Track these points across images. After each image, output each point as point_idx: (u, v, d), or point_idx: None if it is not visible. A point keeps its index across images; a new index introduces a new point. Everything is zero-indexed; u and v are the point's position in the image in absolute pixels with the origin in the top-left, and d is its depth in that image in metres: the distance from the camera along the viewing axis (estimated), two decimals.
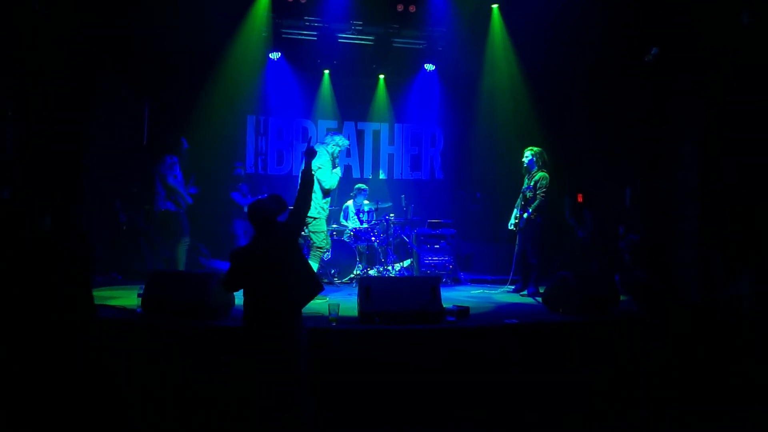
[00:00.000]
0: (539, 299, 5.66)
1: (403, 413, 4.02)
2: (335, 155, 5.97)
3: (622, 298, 5.29)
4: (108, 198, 7.26)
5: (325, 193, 5.89)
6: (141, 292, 4.56)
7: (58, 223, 5.51)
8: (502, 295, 6.44)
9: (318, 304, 4.47)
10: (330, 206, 7.81)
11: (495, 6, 8.14)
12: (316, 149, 3.91)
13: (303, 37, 8.46)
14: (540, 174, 6.26)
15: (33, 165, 6.04)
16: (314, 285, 3.56)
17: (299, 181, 3.66)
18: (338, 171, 5.99)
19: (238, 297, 4.89)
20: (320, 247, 5.90)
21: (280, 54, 8.64)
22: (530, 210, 6.21)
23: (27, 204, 4.56)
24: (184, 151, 6.64)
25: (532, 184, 6.29)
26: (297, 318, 3.47)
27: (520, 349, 4.34)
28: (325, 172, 5.80)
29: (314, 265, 5.75)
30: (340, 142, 6.01)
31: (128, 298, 5.08)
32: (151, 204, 6.59)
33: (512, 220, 6.47)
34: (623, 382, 4.31)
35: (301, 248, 3.66)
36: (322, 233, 5.89)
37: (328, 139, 6.04)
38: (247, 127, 9.19)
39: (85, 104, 6.72)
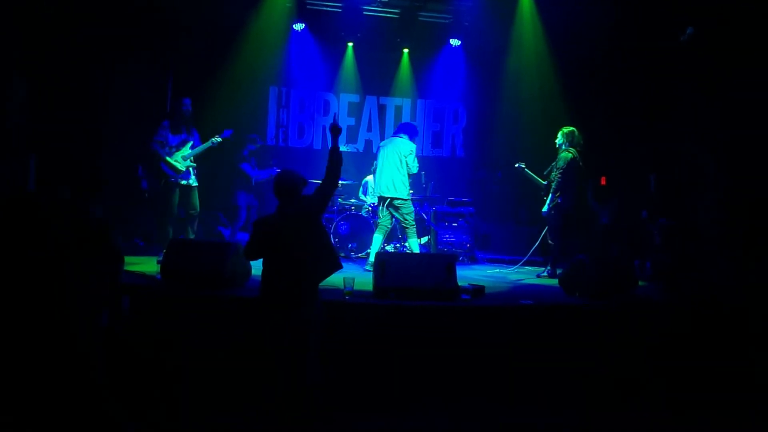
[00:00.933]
0: (553, 281, 5.62)
1: (414, 388, 4.05)
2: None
3: (641, 283, 5.22)
4: (131, 165, 7.35)
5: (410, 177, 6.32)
6: (160, 259, 4.63)
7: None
8: (520, 275, 6.41)
9: (333, 277, 4.49)
10: (350, 180, 7.85)
11: None
12: (340, 126, 3.88)
13: (328, 9, 8.37)
14: (562, 154, 6.15)
15: (55, 134, 6.12)
16: (333, 261, 3.58)
17: (329, 158, 3.64)
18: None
19: (256, 268, 4.97)
20: (413, 224, 6.30)
21: (304, 25, 8.56)
22: (551, 191, 6.12)
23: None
24: (184, 111, 6.38)
25: (554, 164, 6.20)
26: (313, 292, 3.49)
27: (534, 330, 4.32)
28: (415, 160, 6.24)
29: (415, 243, 6.32)
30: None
31: (149, 264, 5.16)
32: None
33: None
34: (637, 366, 4.27)
35: (322, 224, 3.67)
36: (413, 212, 6.35)
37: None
38: (269, 99, 9.16)
39: (108, 74, 6.76)
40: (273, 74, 8.93)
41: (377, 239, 6.33)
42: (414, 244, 6.36)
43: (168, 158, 6.28)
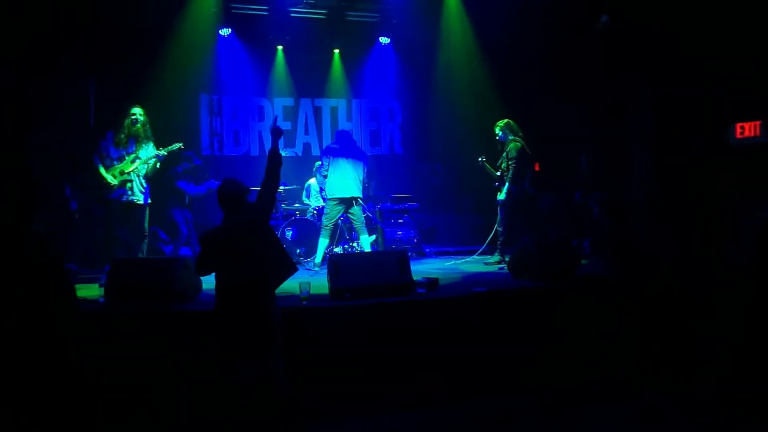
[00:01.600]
0: (504, 267, 5.78)
1: (377, 386, 4.06)
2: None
3: (583, 261, 5.46)
4: (56, 185, 6.93)
5: None
6: (102, 281, 4.42)
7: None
8: (469, 265, 6.55)
9: (288, 284, 4.43)
10: (292, 185, 7.77)
11: None
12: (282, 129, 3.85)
13: (254, 12, 8.23)
14: (512, 144, 6.33)
15: None
16: (288, 266, 3.54)
17: (268, 161, 3.59)
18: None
19: (207, 282, 4.83)
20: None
21: (230, 30, 8.38)
22: (506, 181, 6.28)
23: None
24: (133, 121, 5.93)
25: (504, 155, 6.37)
26: (271, 298, 3.44)
27: (489, 316, 4.43)
28: None
29: (368, 240, 6.53)
30: None
31: (88, 288, 4.91)
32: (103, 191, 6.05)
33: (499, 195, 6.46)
34: (591, 343, 4.47)
35: (272, 228, 3.61)
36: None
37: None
38: (200, 107, 8.90)
39: (27, 85, 6.33)
40: (203, 82, 8.67)
41: (324, 242, 6.35)
42: (367, 241, 6.49)
43: (102, 170, 5.87)
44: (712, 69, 5.93)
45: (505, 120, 6.47)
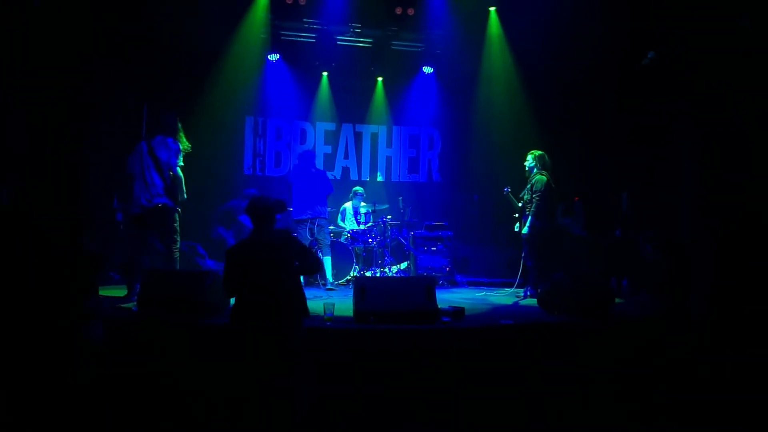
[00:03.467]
0: (533, 301, 5.67)
1: (397, 412, 4.02)
2: None
3: (617, 300, 5.30)
4: (107, 198, 7.26)
5: None
6: (131, 290, 4.57)
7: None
8: (500, 297, 6.45)
9: (313, 304, 4.47)
10: (329, 208, 7.89)
11: (492, 9, 8.17)
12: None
13: (302, 39, 8.48)
14: (537, 177, 6.27)
15: (33, 166, 6.04)
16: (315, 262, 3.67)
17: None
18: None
19: None
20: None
21: (278, 56, 8.66)
22: (528, 213, 6.22)
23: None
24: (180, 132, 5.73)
25: (529, 186, 6.31)
26: (295, 317, 3.45)
27: (515, 350, 4.34)
28: None
29: (329, 260, 6.78)
30: None
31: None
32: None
33: (517, 225, 6.46)
34: (620, 382, 4.31)
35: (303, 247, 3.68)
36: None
37: None
38: (245, 128, 9.19)
39: (84, 105, 6.71)
40: (249, 104, 8.97)
41: (329, 260, 6.73)
42: (329, 261, 6.75)
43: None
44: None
45: (540, 152, 6.42)
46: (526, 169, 6.42)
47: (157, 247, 6.15)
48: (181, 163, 5.52)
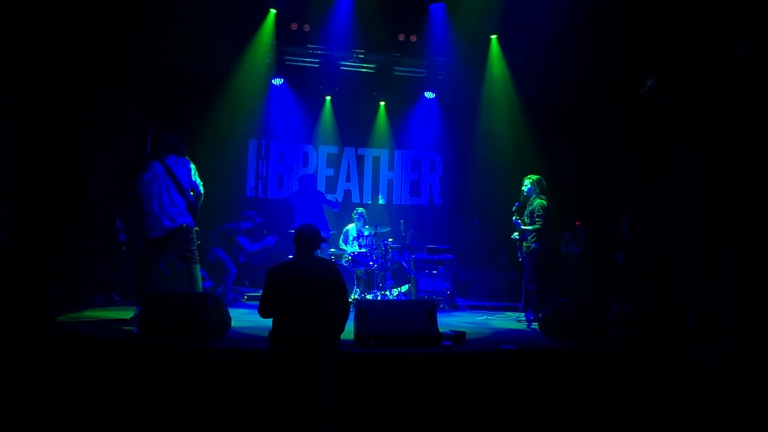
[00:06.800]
0: (535, 325, 5.65)
1: None
2: None
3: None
4: (111, 218, 7.31)
5: None
6: (137, 312, 4.57)
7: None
8: (501, 321, 6.43)
9: None
10: (330, 230, 7.93)
11: (494, 36, 8.32)
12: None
13: (306, 64, 8.62)
14: (537, 201, 6.32)
15: (36, 184, 6.12)
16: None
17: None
18: None
19: (235, 320, 4.92)
20: None
21: (282, 80, 8.79)
22: (528, 237, 6.25)
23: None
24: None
25: (528, 211, 6.35)
26: (332, 341, 3.47)
27: (516, 375, 4.32)
28: None
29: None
30: None
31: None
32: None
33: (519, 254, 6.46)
34: (620, 407, 4.27)
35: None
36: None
37: None
38: (248, 151, 9.29)
39: (90, 125, 6.81)
40: (253, 127, 9.09)
41: None
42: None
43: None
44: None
45: (538, 176, 6.48)
46: (524, 194, 6.47)
47: (163, 270, 6.19)
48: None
